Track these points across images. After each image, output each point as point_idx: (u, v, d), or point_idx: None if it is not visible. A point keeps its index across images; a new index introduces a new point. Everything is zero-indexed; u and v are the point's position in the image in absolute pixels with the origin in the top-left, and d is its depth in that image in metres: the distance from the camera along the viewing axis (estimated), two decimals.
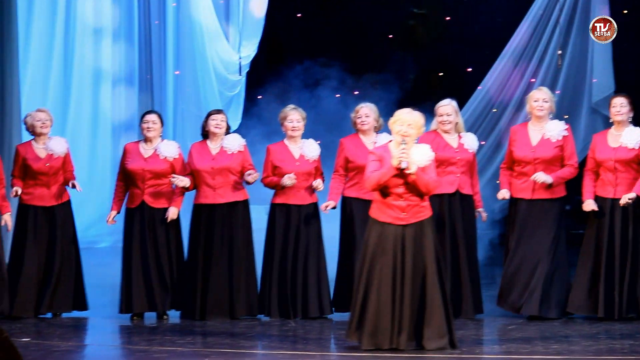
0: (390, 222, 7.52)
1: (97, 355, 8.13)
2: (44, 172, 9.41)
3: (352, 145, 9.29)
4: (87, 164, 14.67)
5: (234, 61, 16.05)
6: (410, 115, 7.54)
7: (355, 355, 7.59)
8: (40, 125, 9.49)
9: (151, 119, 9.41)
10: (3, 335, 6.33)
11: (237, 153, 9.31)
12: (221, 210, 9.23)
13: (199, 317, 9.16)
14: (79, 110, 15.34)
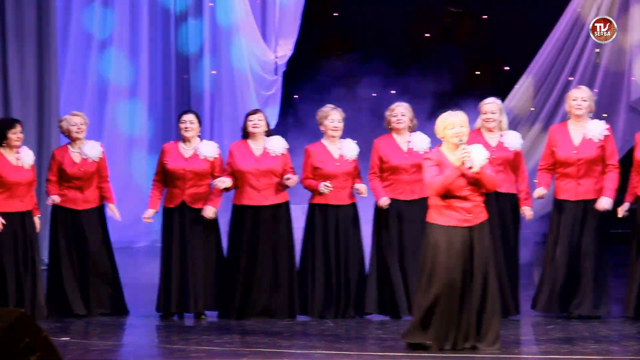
0: (456, 225, 7.48)
1: (135, 355, 8.16)
2: (77, 176, 9.45)
3: (386, 146, 9.27)
4: (124, 165, 14.73)
5: (270, 61, 16.06)
6: (459, 116, 7.54)
7: (393, 354, 7.58)
8: (76, 130, 9.52)
9: (188, 119, 9.43)
10: (42, 334, 6.37)
11: (280, 155, 9.32)
12: (265, 212, 9.24)
13: (238, 317, 9.16)
14: (115, 111, 15.40)
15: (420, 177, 9.14)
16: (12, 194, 9.13)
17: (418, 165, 9.15)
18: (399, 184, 9.22)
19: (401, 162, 9.19)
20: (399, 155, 9.21)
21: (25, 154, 9.27)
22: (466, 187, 7.48)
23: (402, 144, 9.24)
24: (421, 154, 9.16)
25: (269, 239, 9.23)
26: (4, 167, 9.11)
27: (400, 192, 9.22)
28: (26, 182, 9.18)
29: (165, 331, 8.85)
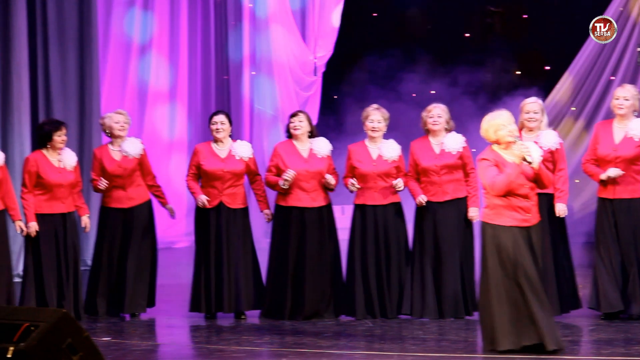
0: (517, 224, 7.43)
1: (175, 355, 8.19)
2: (118, 174, 9.48)
3: (419, 148, 9.25)
4: (164, 165, 14.80)
5: (309, 61, 16.08)
6: (504, 116, 7.50)
7: (431, 356, 7.56)
8: (119, 128, 9.54)
9: (219, 120, 9.44)
10: (84, 334, 6.41)
11: (326, 157, 9.33)
12: (312, 214, 9.25)
13: (287, 317, 9.17)
14: (155, 114, 15.47)
15: (452, 178, 9.12)
16: (53, 195, 9.19)
17: (449, 166, 9.11)
18: (430, 185, 9.19)
19: (430, 163, 9.16)
20: (430, 157, 9.18)
21: (68, 155, 9.32)
22: (526, 185, 7.44)
23: (435, 146, 9.22)
24: (454, 154, 9.13)
25: (315, 240, 9.23)
26: (46, 168, 9.17)
27: (432, 194, 9.19)
28: (67, 184, 9.23)
29: (205, 331, 8.88)
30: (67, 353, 6.29)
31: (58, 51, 12.79)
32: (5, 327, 6.38)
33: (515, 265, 7.38)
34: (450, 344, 8.01)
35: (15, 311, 6.67)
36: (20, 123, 12.10)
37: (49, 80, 12.71)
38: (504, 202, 7.43)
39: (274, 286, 9.30)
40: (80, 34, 12.97)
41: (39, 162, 9.19)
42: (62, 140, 9.25)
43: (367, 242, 9.22)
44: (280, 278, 9.26)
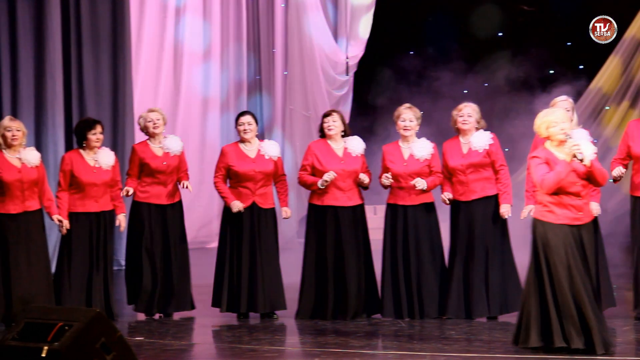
0: (567, 223, 7.41)
1: (207, 354, 8.21)
2: (161, 170, 9.50)
3: (449, 148, 9.24)
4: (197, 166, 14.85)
5: (342, 61, 16.08)
6: (558, 113, 7.49)
7: (464, 356, 7.54)
8: (153, 126, 9.56)
9: (246, 120, 9.43)
10: (117, 334, 6.44)
11: (360, 156, 9.34)
12: (346, 213, 9.25)
13: (330, 318, 9.17)
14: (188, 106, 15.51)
15: (480, 176, 9.09)
16: (87, 194, 9.24)
17: (475, 165, 9.08)
18: (459, 185, 9.17)
19: (457, 163, 9.14)
20: (457, 156, 9.16)
21: (104, 155, 9.37)
22: (578, 183, 7.40)
23: (463, 145, 9.20)
24: (480, 152, 9.10)
25: (351, 239, 9.24)
26: (80, 167, 9.22)
27: (461, 194, 9.17)
28: (102, 183, 9.27)
29: (238, 331, 8.89)
30: (100, 352, 6.32)
31: (91, 51, 12.86)
32: (40, 327, 6.43)
33: (563, 264, 7.35)
34: (483, 344, 7.98)
35: (49, 311, 6.71)
36: (54, 123, 12.19)
37: (82, 80, 12.79)
38: (555, 199, 7.41)
39: (313, 287, 9.29)
40: (114, 34, 13.05)
41: (73, 161, 9.25)
42: (97, 138, 9.30)
43: (397, 242, 9.21)
44: (319, 278, 9.26)
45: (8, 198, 9.00)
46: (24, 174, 9.02)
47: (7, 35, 11.93)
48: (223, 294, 9.32)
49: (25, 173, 9.03)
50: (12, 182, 8.97)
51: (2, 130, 9.08)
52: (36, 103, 12.17)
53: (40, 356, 6.23)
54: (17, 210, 9.00)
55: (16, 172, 9.01)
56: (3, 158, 9.05)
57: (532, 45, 16.55)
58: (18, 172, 9.01)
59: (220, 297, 9.34)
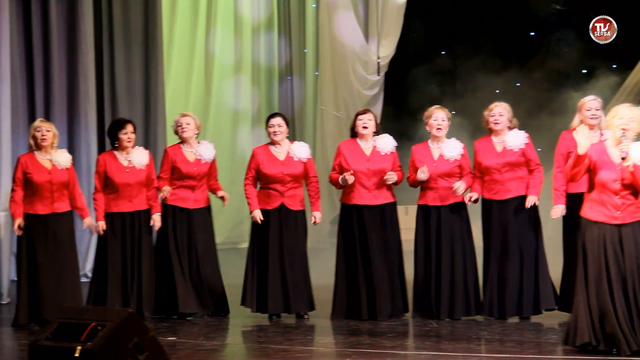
0: (605, 221, 7.38)
1: (240, 354, 8.23)
2: (191, 175, 9.52)
3: (482, 147, 9.21)
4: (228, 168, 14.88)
5: (373, 61, 16.07)
6: (631, 111, 7.45)
7: (498, 356, 7.51)
8: (181, 130, 9.57)
9: (277, 122, 9.43)
10: (150, 334, 6.47)
11: (390, 154, 9.32)
12: (373, 212, 9.24)
13: (364, 318, 9.18)
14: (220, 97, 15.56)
15: (515, 175, 9.06)
16: (121, 194, 9.28)
17: (511, 164, 9.06)
18: (493, 184, 9.14)
19: (492, 162, 9.11)
20: (492, 155, 9.13)
21: (137, 154, 9.40)
22: (618, 182, 7.36)
23: (497, 144, 9.17)
24: (515, 151, 9.07)
25: (378, 238, 9.23)
26: (113, 168, 9.27)
27: (495, 193, 9.13)
28: (135, 183, 9.31)
29: (269, 331, 8.90)
30: (133, 352, 6.35)
31: (123, 53, 12.92)
32: (73, 327, 6.47)
33: (599, 261, 7.32)
34: (516, 344, 7.95)
35: (82, 311, 6.75)
36: (86, 125, 12.24)
37: (114, 81, 12.84)
38: (596, 196, 7.42)
39: (344, 287, 9.29)
40: (145, 36, 13.09)
41: (107, 162, 9.30)
42: (128, 138, 9.33)
43: (431, 243, 9.20)
44: (350, 278, 9.27)
45: (37, 199, 9.06)
46: (53, 176, 9.08)
47: (40, 37, 12.00)
48: (252, 295, 9.33)
49: (55, 175, 9.08)
50: (42, 183, 9.03)
51: (33, 131, 9.15)
52: (69, 105, 12.23)
53: (73, 356, 6.27)
54: (46, 211, 9.06)
55: (46, 173, 9.06)
56: (34, 159, 9.11)
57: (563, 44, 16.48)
58: (48, 174, 9.07)
59: (249, 297, 9.35)
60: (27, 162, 9.10)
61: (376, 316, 9.15)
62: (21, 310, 9.04)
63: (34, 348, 6.53)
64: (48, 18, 11.99)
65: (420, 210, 9.28)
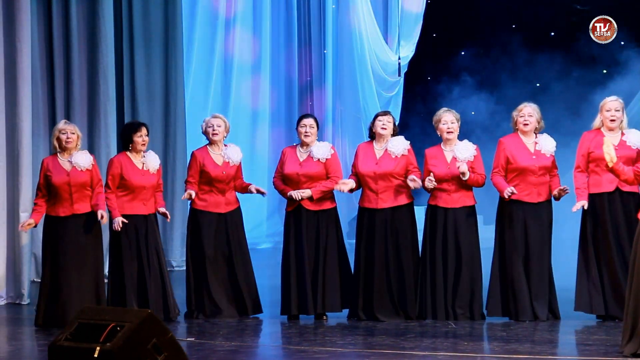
0: None
1: (258, 356, 8.24)
2: (220, 179, 9.52)
3: (513, 146, 9.16)
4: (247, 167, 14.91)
5: (392, 62, 16.07)
6: None
7: (516, 357, 7.50)
8: (212, 132, 9.52)
9: (309, 123, 9.43)
10: (168, 335, 6.49)
11: (401, 157, 9.29)
12: (382, 215, 9.24)
13: (364, 318, 9.19)
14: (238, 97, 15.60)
15: (546, 180, 9.04)
16: (135, 196, 9.30)
17: (545, 167, 9.04)
18: (525, 185, 9.10)
19: (529, 163, 9.08)
20: (527, 156, 9.10)
21: (151, 158, 9.42)
22: None
23: (529, 145, 9.14)
24: (547, 156, 9.05)
25: (387, 241, 9.22)
26: (129, 170, 9.29)
27: (527, 194, 9.10)
28: (150, 186, 9.33)
29: (289, 332, 8.92)
30: (152, 353, 6.37)
31: (144, 54, 12.97)
32: (92, 327, 6.49)
33: None
34: (534, 345, 7.94)
35: (101, 311, 6.78)
36: (106, 125, 12.29)
37: (134, 82, 12.90)
38: None
39: (362, 288, 9.30)
40: (166, 37, 13.14)
41: (122, 164, 9.31)
42: (142, 141, 9.33)
43: (436, 244, 9.18)
44: (365, 279, 9.26)
45: (58, 201, 9.11)
46: (72, 177, 9.11)
47: (61, 39, 12.06)
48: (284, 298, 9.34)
49: (73, 176, 9.11)
50: (61, 185, 9.07)
51: (57, 134, 9.19)
52: (89, 106, 12.29)
53: (92, 356, 6.30)
54: (66, 213, 9.10)
55: (64, 175, 9.10)
56: (56, 161, 9.16)
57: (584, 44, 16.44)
58: (66, 176, 9.10)
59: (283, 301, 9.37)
60: (49, 164, 9.15)
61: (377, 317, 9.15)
62: (41, 312, 9.08)
63: (54, 348, 6.57)
64: (68, 19, 12.05)
65: (430, 210, 9.26)
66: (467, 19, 16.95)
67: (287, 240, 9.40)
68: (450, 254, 9.16)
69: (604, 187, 8.90)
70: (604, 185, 8.90)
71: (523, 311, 9.03)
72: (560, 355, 7.61)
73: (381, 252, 9.21)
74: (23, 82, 10.75)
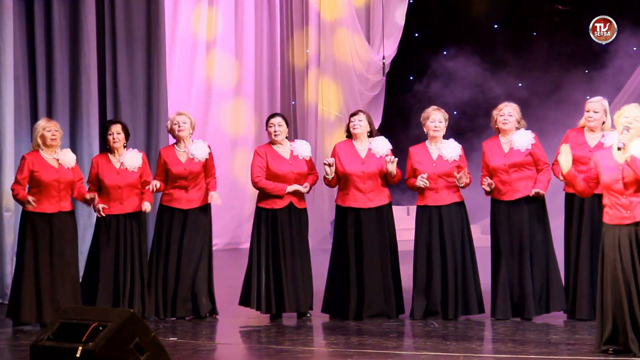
0: (618, 222, 7.40)
1: (242, 355, 8.24)
2: (182, 176, 9.48)
3: (491, 148, 9.20)
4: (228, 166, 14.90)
5: (375, 61, 16.06)
6: (636, 110, 7.50)
7: (497, 356, 7.52)
8: (178, 129, 9.53)
9: (277, 122, 9.41)
10: (151, 334, 6.48)
11: (385, 156, 9.30)
12: (368, 214, 9.25)
13: (351, 317, 9.19)
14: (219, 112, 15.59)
15: (522, 175, 9.06)
16: (111, 196, 9.27)
17: (517, 164, 9.05)
18: (501, 185, 9.13)
19: (499, 163, 9.11)
20: (499, 156, 9.14)
21: (130, 156, 9.39)
22: (618, 182, 7.41)
23: (504, 145, 9.17)
24: (522, 152, 9.07)
25: (374, 240, 9.23)
26: (105, 170, 9.28)
27: (503, 194, 9.13)
28: (126, 185, 9.30)
29: (271, 332, 8.91)
30: (134, 353, 6.36)
31: (126, 54, 12.92)
32: (74, 327, 6.48)
33: (614, 264, 7.34)
34: (517, 345, 7.96)
35: (83, 311, 6.76)
36: (89, 124, 12.24)
37: (116, 82, 12.85)
38: (606, 200, 7.48)
39: (335, 286, 9.31)
40: (148, 37, 13.10)
41: (99, 164, 9.31)
42: (114, 139, 9.31)
43: (432, 243, 9.19)
44: (341, 279, 9.27)
45: (44, 198, 9.08)
46: (61, 175, 9.12)
47: (43, 37, 12.00)
48: (256, 294, 9.33)
49: (62, 174, 9.13)
50: (50, 182, 9.06)
51: (41, 131, 9.17)
52: (71, 105, 12.23)
53: (75, 356, 6.28)
54: (53, 210, 9.09)
55: (54, 172, 9.10)
56: (40, 158, 9.13)
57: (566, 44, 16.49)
58: (56, 173, 9.10)
59: (253, 297, 9.34)
60: (33, 160, 9.12)
61: (364, 315, 9.15)
62: (23, 309, 9.04)
63: (36, 349, 6.54)
64: (51, 18, 11.99)
65: (420, 211, 9.27)
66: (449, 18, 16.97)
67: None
68: (448, 251, 9.16)
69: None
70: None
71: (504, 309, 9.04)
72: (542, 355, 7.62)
73: (368, 250, 9.20)
74: (5, 81, 10.71)
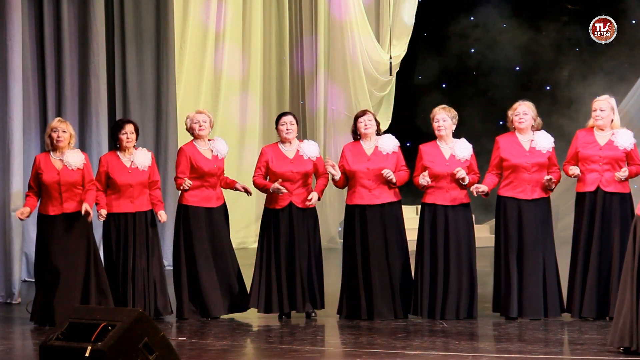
0: None
1: (250, 355, 8.24)
2: (213, 173, 9.48)
3: (508, 144, 9.19)
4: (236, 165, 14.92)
5: (384, 61, 16.07)
6: None
7: (508, 356, 7.51)
8: (199, 127, 9.48)
9: (288, 120, 9.41)
10: (160, 334, 6.49)
11: (392, 154, 9.31)
12: (374, 211, 9.25)
13: (363, 318, 9.19)
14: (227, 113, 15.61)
15: (540, 176, 9.06)
16: (122, 195, 9.28)
17: (539, 164, 9.06)
18: (519, 182, 9.12)
19: (522, 160, 9.10)
20: (521, 153, 9.12)
21: (141, 155, 9.39)
22: None
23: (524, 143, 9.16)
24: (544, 153, 9.07)
25: (379, 238, 9.23)
26: (115, 168, 9.28)
27: (521, 191, 9.12)
28: (137, 184, 9.31)
29: (279, 331, 8.92)
30: (143, 352, 6.37)
31: (135, 53, 12.96)
32: (83, 327, 6.48)
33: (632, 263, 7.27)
34: (526, 344, 7.95)
35: (92, 311, 6.76)
36: (98, 124, 12.28)
37: (126, 81, 12.89)
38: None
39: (347, 286, 9.32)
40: (157, 36, 13.13)
41: (109, 163, 9.31)
42: (127, 138, 9.31)
43: (437, 242, 9.19)
44: (351, 277, 9.28)
45: (48, 199, 9.10)
46: (62, 176, 9.09)
47: (52, 38, 12.04)
48: (261, 295, 9.34)
49: (63, 175, 9.10)
50: (50, 183, 9.06)
51: (49, 131, 9.18)
52: (80, 105, 12.27)
53: (84, 356, 6.29)
54: (56, 212, 9.09)
55: (55, 173, 9.09)
56: (47, 159, 9.14)
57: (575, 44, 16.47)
58: (57, 174, 9.09)
59: (258, 298, 9.35)
60: (40, 161, 9.14)
61: (373, 316, 9.16)
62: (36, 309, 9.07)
63: (45, 348, 6.55)
64: (60, 18, 12.03)
65: (427, 208, 9.26)
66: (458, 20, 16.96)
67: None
68: (453, 251, 9.16)
69: (587, 187, 8.98)
70: (587, 185, 8.98)
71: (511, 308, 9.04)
72: (551, 355, 7.61)
73: (375, 248, 9.20)
74: (14, 81, 10.74)
